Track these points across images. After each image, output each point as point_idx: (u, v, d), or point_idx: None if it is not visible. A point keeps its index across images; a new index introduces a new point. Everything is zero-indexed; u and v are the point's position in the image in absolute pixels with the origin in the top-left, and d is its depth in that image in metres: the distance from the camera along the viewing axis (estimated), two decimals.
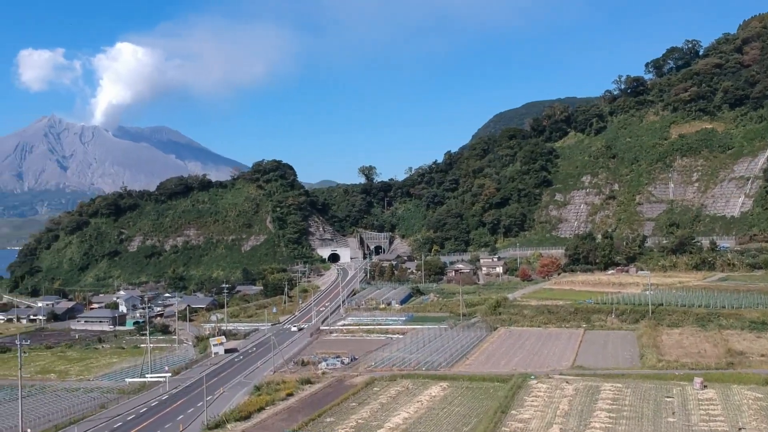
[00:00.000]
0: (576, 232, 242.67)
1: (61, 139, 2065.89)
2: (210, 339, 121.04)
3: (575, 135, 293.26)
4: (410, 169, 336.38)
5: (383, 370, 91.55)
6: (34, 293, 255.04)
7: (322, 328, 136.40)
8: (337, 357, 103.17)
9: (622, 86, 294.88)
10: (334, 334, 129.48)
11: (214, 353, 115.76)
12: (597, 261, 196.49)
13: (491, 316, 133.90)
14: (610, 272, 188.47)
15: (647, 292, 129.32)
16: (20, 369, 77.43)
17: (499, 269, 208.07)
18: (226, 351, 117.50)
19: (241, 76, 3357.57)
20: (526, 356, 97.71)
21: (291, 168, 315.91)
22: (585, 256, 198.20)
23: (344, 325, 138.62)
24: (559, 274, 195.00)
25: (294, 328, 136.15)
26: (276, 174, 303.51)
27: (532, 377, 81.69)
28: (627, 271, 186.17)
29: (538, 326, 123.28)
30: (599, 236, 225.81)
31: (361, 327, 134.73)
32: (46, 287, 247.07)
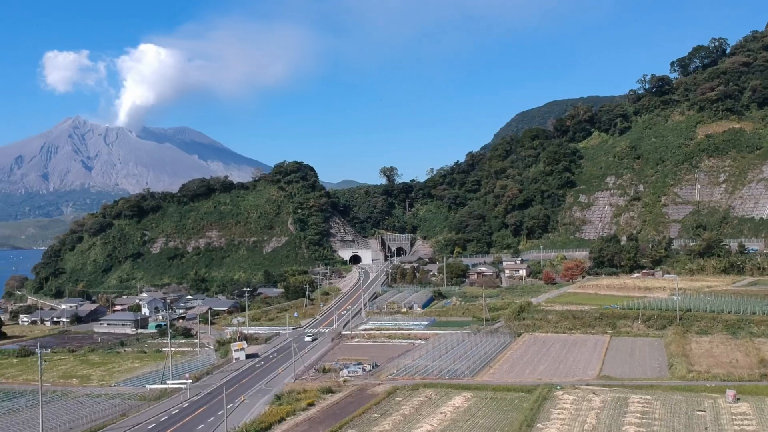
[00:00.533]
0: (600, 234, 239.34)
1: (85, 140, 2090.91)
2: (231, 344, 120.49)
3: (599, 135, 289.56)
4: (432, 170, 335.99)
5: (405, 378, 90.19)
6: (58, 295, 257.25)
7: (343, 332, 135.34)
8: (358, 364, 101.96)
9: (647, 85, 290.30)
10: (356, 339, 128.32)
11: (235, 358, 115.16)
12: (622, 264, 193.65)
13: (515, 322, 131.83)
14: (635, 275, 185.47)
15: (675, 298, 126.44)
16: (40, 377, 77.29)
17: (522, 272, 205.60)
18: (247, 356, 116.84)
19: (263, 77, 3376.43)
20: (551, 364, 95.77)
21: (312, 169, 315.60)
22: (610, 258, 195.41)
23: (366, 329, 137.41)
24: (583, 277, 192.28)
25: (308, 338, 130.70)
26: (297, 175, 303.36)
27: (558, 388, 79.82)
28: (653, 275, 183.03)
29: (563, 332, 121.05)
30: (624, 238, 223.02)
31: (382, 332, 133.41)
32: (69, 289, 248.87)
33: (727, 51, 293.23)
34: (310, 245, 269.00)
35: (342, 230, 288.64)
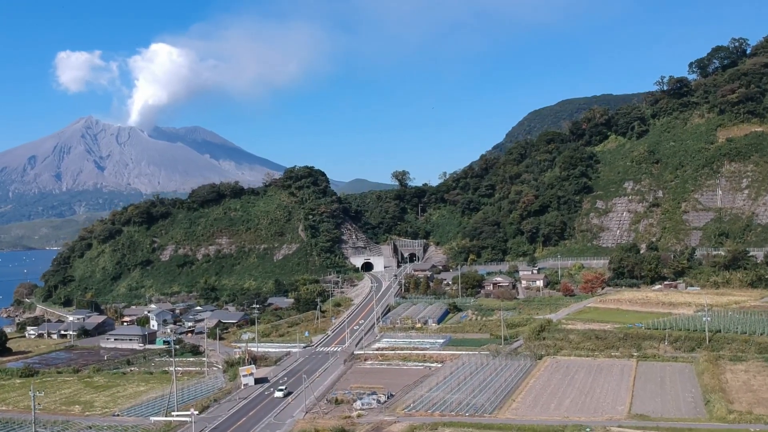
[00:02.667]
0: (618, 241, 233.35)
1: (98, 139, 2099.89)
2: (240, 368, 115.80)
3: (616, 139, 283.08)
4: (444, 174, 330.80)
5: (423, 414, 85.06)
6: (67, 303, 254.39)
7: (356, 352, 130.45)
8: (372, 393, 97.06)
9: (665, 87, 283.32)
10: (369, 362, 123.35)
11: (244, 384, 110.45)
12: (643, 275, 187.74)
13: (535, 341, 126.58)
14: (656, 287, 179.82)
15: (703, 317, 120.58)
16: (33, 416, 72.68)
17: (540, 282, 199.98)
18: (257, 381, 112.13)
19: (275, 76, 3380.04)
20: (577, 396, 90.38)
21: (323, 174, 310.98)
22: (630, 269, 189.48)
23: (379, 348, 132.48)
24: (602, 288, 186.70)
25: (278, 394, 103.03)
26: (308, 180, 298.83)
27: (588, 430, 74.43)
28: (675, 287, 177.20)
29: (586, 355, 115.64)
30: (643, 246, 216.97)
31: (397, 351, 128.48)
32: (78, 298, 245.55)
33: (748, 51, 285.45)
34: (321, 252, 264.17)
35: (354, 236, 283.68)
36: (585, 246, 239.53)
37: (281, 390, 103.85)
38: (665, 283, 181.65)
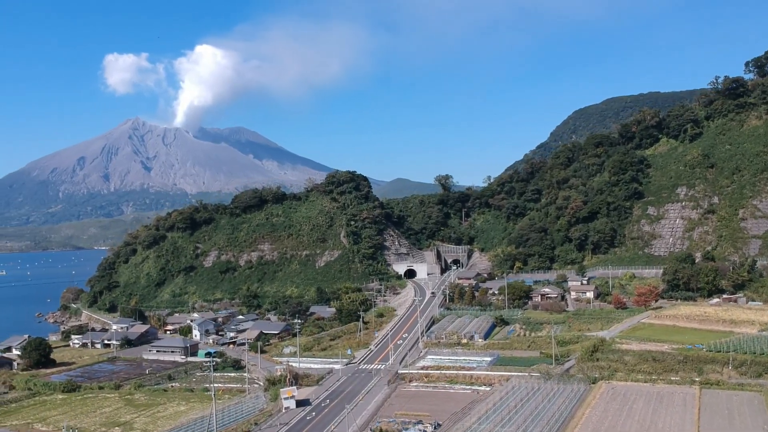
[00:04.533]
0: (671, 249, 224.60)
1: (144, 140, 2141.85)
2: (281, 390, 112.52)
3: (667, 142, 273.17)
4: (489, 177, 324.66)
5: None
6: (112, 309, 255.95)
7: (400, 371, 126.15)
8: (418, 422, 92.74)
9: (719, 87, 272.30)
10: (414, 383, 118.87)
11: (285, 407, 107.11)
12: (699, 287, 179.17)
13: (588, 363, 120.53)
14: (714, 301, 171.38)
15: None
16: None
17: (590, 294, 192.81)
18: (298, 404, 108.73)
19: (317, 76, 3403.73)
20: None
21: (365, 179, 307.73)
22: (685, 281, 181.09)
23: (424, 367, 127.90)
24: (656, 300, 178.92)
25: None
26: (350, 186, 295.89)
27: None
28: (735, 301, 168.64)
29: (644, 380, 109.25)
30: (698, 256, 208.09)
31: (442, 371, 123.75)
32: (122, 306, 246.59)
33: None
34: (363, 259, 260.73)
35: (396, 242, 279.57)
36: (636, 254, 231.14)
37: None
38: (724, 296, 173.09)
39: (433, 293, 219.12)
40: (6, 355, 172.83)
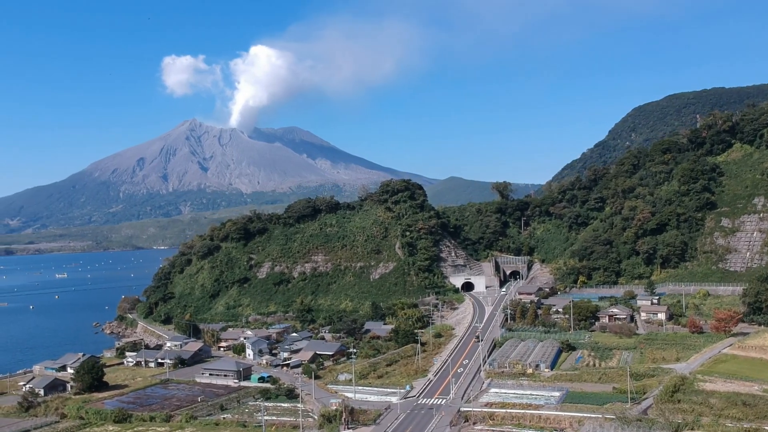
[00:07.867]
0: (749, 264, 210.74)
1: (201, 141, 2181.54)
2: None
3: (741, 147, 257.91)
4: (549, 185, 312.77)
5: None
6: (167, 321, 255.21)
7: (462, 408, 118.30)
8: None
9: None
10: (479, 426, 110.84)
11: None
12: None
13: (668, 404, 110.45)
14: None
15: None
16: None
17: (662, 315, 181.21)
18: None
19: (371, 75, 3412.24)
20: None
21: (420, 188, 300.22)
22: None
23: (488, 404, 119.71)
24: (736, 324, 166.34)
25: None
26: (405, 195, 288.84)
27: None
28: None
29: (735, 430, 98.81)
30: None
31: (508, 410, 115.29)
32: (177, 320, 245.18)
33: None
34: (419, 272, 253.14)
35: (453, 254, 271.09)
36: (709, 269, 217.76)
37: None
38: None
39: (492, 310, 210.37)
40: (60, 375, 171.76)
